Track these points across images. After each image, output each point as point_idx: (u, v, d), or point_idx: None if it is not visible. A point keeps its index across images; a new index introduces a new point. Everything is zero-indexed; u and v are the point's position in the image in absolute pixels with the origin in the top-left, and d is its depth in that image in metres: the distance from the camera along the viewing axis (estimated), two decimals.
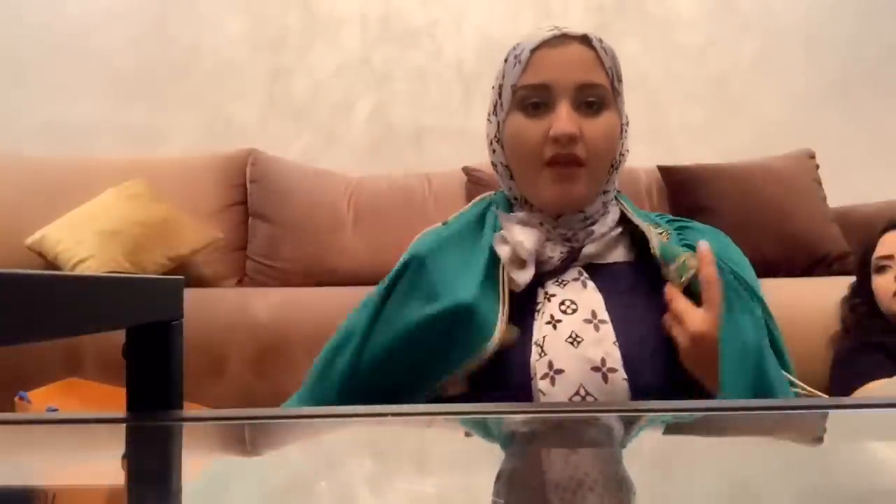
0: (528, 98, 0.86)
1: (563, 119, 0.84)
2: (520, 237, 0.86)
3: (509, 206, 0.96)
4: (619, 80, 0.89)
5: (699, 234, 0.94)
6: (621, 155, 0.91)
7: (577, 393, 0.79)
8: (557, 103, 0.85)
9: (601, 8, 2.89)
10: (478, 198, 1.02)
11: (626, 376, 0.80)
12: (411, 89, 2.86)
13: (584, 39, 0.86)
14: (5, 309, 0.38)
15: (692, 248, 0.88)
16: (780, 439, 0.60)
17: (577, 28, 0.89)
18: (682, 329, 0.81)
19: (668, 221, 0.97)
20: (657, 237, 0.89)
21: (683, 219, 1.00)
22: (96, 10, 2.78)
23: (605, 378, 0.79)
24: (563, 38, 0.86)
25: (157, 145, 2.73)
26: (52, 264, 2.11)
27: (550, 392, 0.79)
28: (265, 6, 2.84)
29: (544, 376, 0.80)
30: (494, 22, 2.87)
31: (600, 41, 0.87)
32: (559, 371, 0.80)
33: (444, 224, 1.00)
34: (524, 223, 0.89)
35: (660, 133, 2.82)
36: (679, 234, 0.93)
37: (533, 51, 0.86)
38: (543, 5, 2.88)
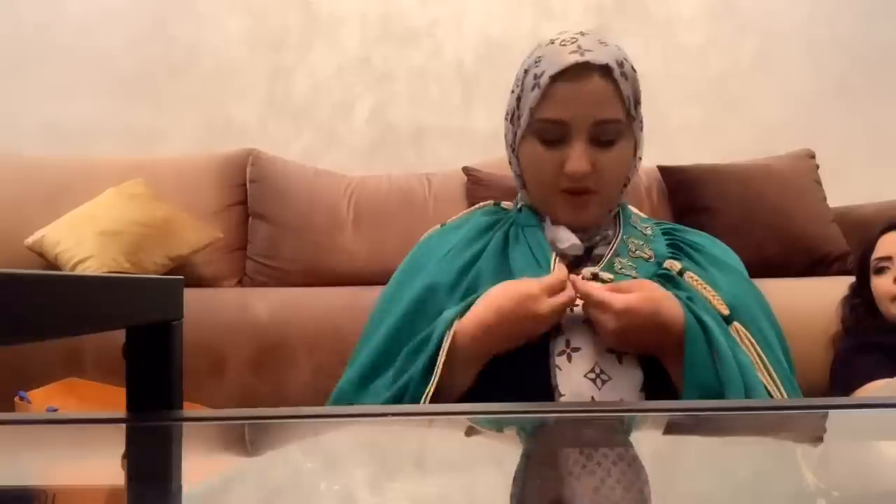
0: (546, 130, 0.89)
1: (578, 157, 0.87)
2: (566, 240, 0.91)
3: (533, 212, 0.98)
4: (638, 104, 0.91)
5: (689, 238, 0.97)
6: (633, 170, 0.95)
7: (591, 370, 0.82)
8: (573, 139, 0.87)
9: (601, 8, 2.89)
10: (480, 204, 1.04)
11: (639, 358, 0.83)
12: (411, 89, 2.86)
13: (605, 70, 0.87)
14: (5, 309, 0.38)
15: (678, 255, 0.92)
16: (780, 439, 0.60)
17: (580, 25, 0.90)
18: (610, 310, 0.80)
19: (656, 224, 1.00)
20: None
21: (673, 224, 1.03)
22: (96, 11, 2.78)
23: (619, 358, 0.82)
24: (583, 69, 0.86)
25: (157, 145, 2.73)
26: (52, 264, 2.11)
27: (566, 368, 0.82)
28: (265, 6, 2.84)
29: (561, 353, 0.83)
30: (494, 21, 2.87)
31: (620, 66, 0.88)
32: (576, 349, 0.83)
33: (442, 226, 1.01)
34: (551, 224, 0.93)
35: (660, 133, 2.81)
36: (667, 238, 0.96)
37: (553, 78, 0.87)
38: (543, 5, 2.87)
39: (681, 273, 0.89)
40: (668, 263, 0.90)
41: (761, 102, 2.90)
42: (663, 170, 2.47)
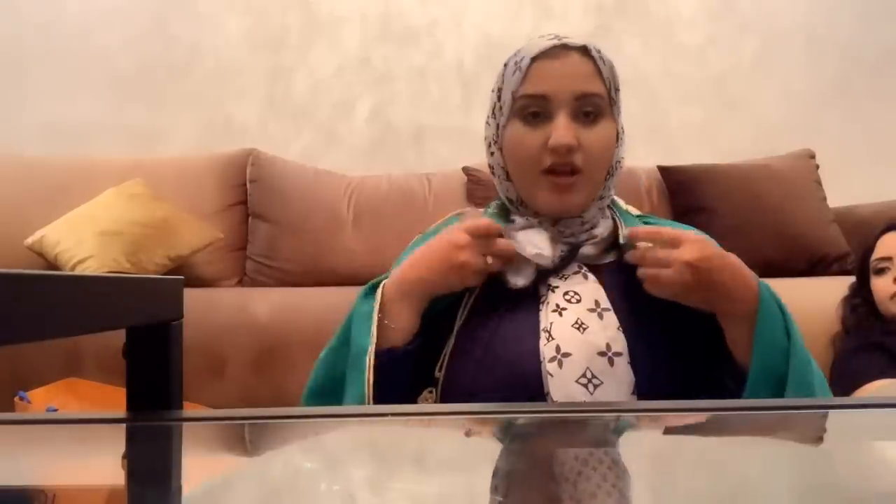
0: (528, 107, 0.89)
1: (562, 130, 0.86)
2: (533, 248, 0.89)
3: (506, 213, 0.97)
4: (617, 90, 0.92)
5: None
6: (617, 162, 0.94)
7: (583, 375, 0.81)
8: (556, 114, 0.88)
9: (601, 8, 2.89)
10: (457, 211, 1.03)
11: (630, 360, 0.83)
12: (411, 89, 2.86)
13: (583, 50, 0.88)
14: (5, 309, 0.38)
15: None
16: (780, 439, 0.60)
17: (577, 30, 0.90)
18: (673, 266, 0.81)
19: (646, 223, 1.00)
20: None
21: (658, 218, 1.03)
22: (96, 10, 2.78)
23: (610, 362, 0.82)
24: (562, 49, 0.88)
25: (157, 145, 2.73)
26: (52, 264, 2.11)
27: (558, 374, 0.82)
28: (265, 6, 2.84)
29: (552, 359, 0.83)
30: (494, 21, 2.87)
31: (599, 52, 0.90)
32: (566, 354, 0.82)
33: (423, 235, 1.01)
34: (527, 227, 0.91)
35: (660, 133, 2.82)
36: None
37: (533, 59, 0.88)
38: (543, 5, 2.87)
39: None
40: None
41: (761, 102, 2.90)
42: (663, 170, 2.47)
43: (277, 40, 2.84)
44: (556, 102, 0.87)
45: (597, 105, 0.88)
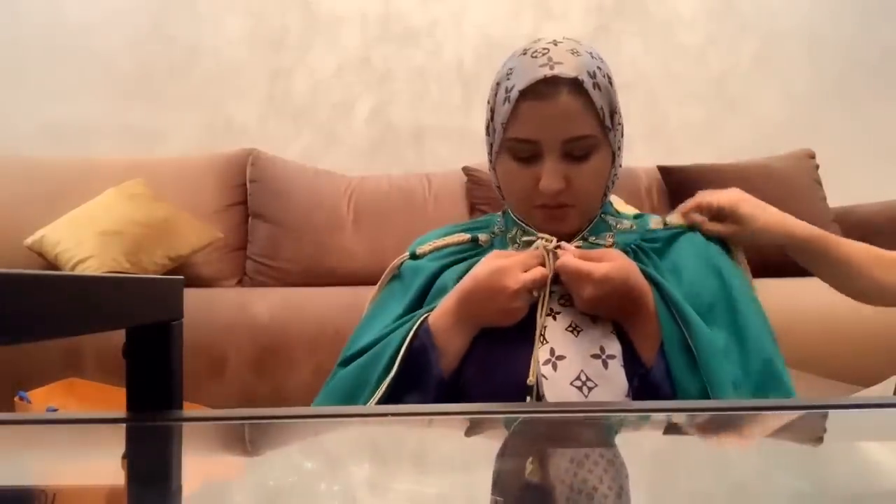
0: (517, 149, 0.88)
1: (550, 176, 0.86)
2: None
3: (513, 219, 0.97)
4: (614, 112, 0.89)
5: (671, 234, 0.99)
6: (615, 176, 0.93)
7: (577, 378, 0.82)
8: (545, 156, 0.86)
9: (601, 8, 2.89)
10: (456, 239, 1.00)
11: (624, 363, 0.83)
12: (411, 89, 2.86)
13: (575, 83, 0.84)
14: (5, 309, 0.38)
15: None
16: (780, 439, 0.60)
17: (577, 31, 0.88)
18: (588, 278, 0.83)
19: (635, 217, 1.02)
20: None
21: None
22: (96, 11, 2.78)
23: (604, 364, 0.83)
24: (552, 84, 0.84)
25: (157, 145, 2.73)
26: (52, 264, 2.11)
27: (552, 377, 0.82)
28: (265, 6, 2.84)
29: (546, 362, 0.83)
30: (494, 21, 2.88)
31: (592, 77, 0.85)
32: (560, 357, 0.83)
33: (413, 257, 0.99)
34: (529, 239, 0.92)
35: (659, 133, 2.82)
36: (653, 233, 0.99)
37: (522, 93, 0.85)
38: (543, 5, 2.88)
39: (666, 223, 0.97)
40: (654, 223, 0.99)
41: (761, 102, 2.90)
42: (663, 170, 2.47)
43: (277, 40, 2.84)
44: (544, 147, 0.86)
45: (587, 145, 0.86)
